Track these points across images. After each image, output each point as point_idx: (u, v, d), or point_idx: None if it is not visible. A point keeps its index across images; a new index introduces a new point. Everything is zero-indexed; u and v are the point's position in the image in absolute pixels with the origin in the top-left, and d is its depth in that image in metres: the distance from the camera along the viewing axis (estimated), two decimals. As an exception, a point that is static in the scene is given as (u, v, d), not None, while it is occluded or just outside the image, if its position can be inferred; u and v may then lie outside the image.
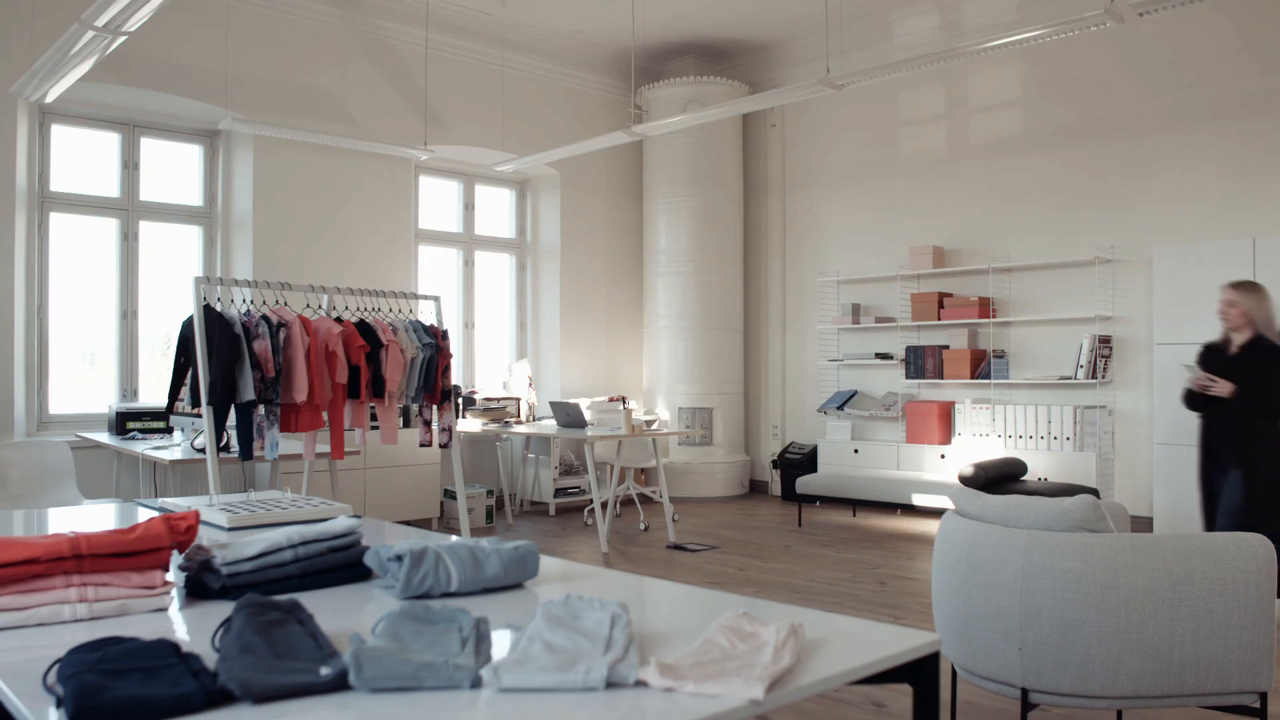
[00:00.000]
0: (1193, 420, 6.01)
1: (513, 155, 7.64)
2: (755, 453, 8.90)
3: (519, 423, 7.37)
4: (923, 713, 1.46)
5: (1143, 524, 6.40)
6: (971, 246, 7.45)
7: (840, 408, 7.93)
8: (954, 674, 2.84)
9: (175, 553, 1.70)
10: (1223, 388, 4.14)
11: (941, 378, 7.37)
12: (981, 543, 2.62)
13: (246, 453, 4.54)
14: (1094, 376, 6.61)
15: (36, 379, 6.08)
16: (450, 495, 7.07)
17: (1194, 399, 4.32)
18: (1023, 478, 6.35)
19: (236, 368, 4.40)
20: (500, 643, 1.40)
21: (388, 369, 4.91)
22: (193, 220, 6.80)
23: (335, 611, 1.61)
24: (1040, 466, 6.70)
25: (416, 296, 5.58)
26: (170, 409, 4.89)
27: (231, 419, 4.48)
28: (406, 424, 6.69)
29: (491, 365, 8.39)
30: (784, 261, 8.74)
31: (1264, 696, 2.46)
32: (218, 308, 4.48)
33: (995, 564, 2.56)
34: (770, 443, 8.78)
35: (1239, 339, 4.27)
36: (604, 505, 6.47)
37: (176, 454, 5.05)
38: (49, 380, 6.17)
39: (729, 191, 8.64)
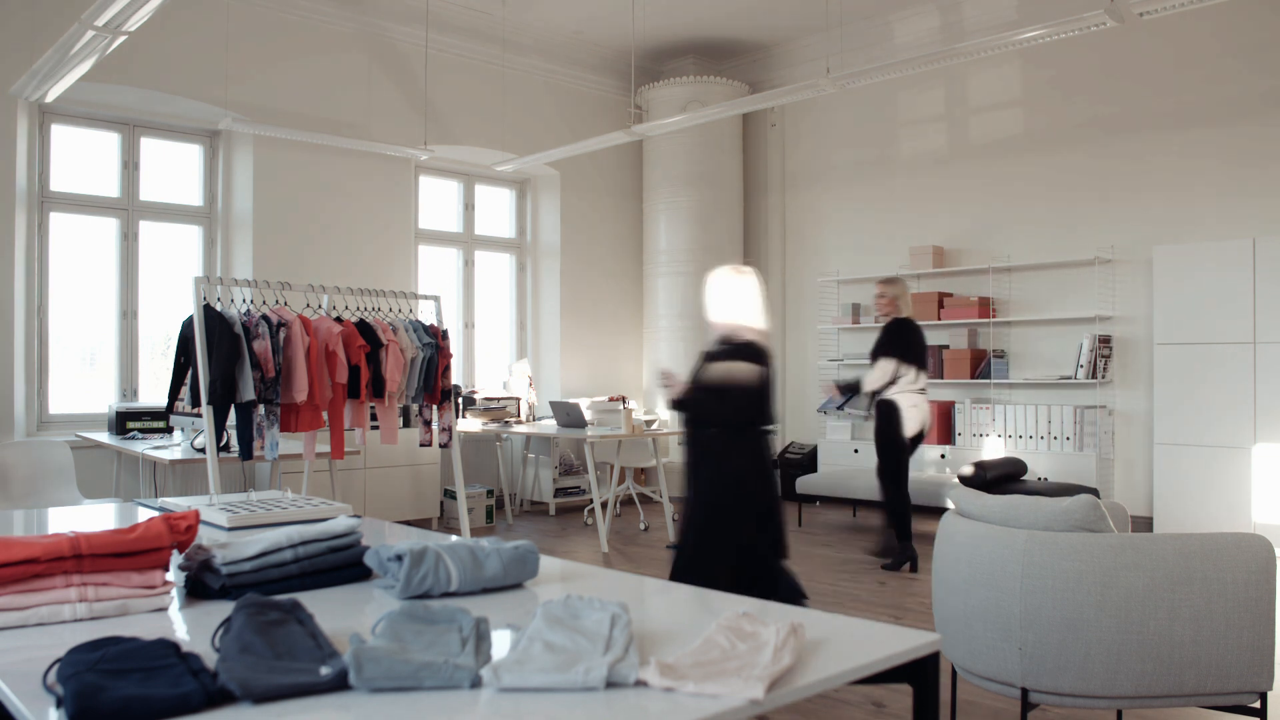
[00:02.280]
0: (1191, 420, 6.02)
1: (513, 155, 7.64)
2: (755, 453, 8.88)
3: (519, 423, 7.37)
4: (923, 713, 1.46)
5: (1143, 524, 6.40)
6: (971, 246, 7.45)
7: (840, 408, 7.91)
8: (954, 674, 2.84)
9: (175, 552, 1.70)
10: (672, 387, 3.56)
11: (941, 378, 7.37)
12: (981, 543, 2.62)
13: (246, 453, 4.55)
14: (1094, 376, 6.61)
15: (36, 379, 6.08)
16: (450, 495, 7.07)
17: (678, 403, 3.63)
18: (1023, 478, 6.34)
19: (236, 367, 4.40)
20: (500, 643, 1.40)
21: (388, 369, 4.91)
22: (193, 220, 6.80)
23: (335, 611, 1.61)
24: (1040, 466, 6.69)
25: (416, 296, 5.58)
26: (170, 409, 4.89)
27: (231, 419, 4.49)
28: (406, 424, 6.70)
29: (491, 365, 8.39)
30: (784, 261, 8.74)
31: (1264, 696, 2.46)
32: (218, 307, 4.48)
33: (995, 564, 2.56)
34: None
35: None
36: (604, 505, 6.47)
37: (176, 454, 5.05)
38: (49, 380, 6.17)
39: (729, 191, 8.63)
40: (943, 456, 7.25)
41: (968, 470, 6.08)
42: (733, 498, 3.40)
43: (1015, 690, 2.56)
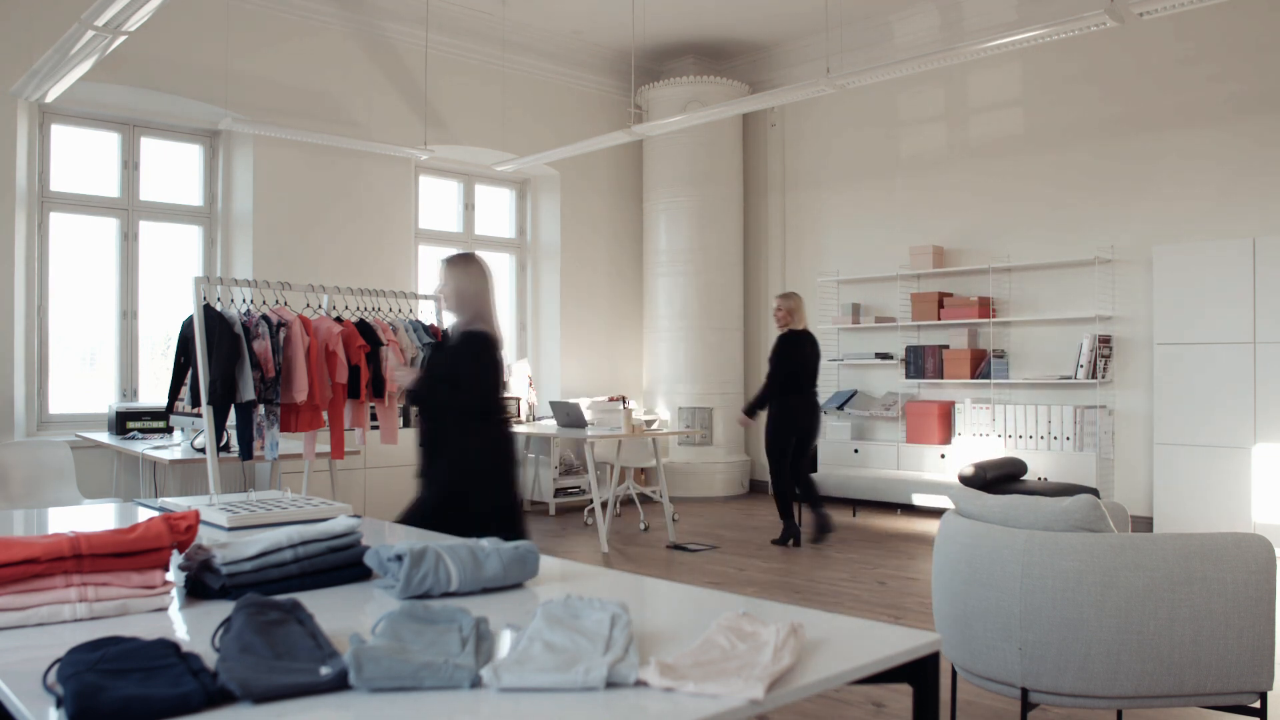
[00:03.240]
0: (1191, 420, 6.02)
1: (513, 155, 7.64)
2: (755, 453, 8.89)
3: (519, 423, 7.37)
4: (923, 713, 1.46)
5: (1143, 524, 6.40)
6: (971, 246, 7.45)
7: (840, 408, 7.93)
8: (954, 674, 2.84)
9: (175, 552, 1.70)
10: (405, 376, 3.56)
11: (941, 378, 7.37)
12: (981, 543, 2.62)
13: (246, 453, 4.55)
14: (1094, 376, 6.61)
15: (36, 379, 6.08)
16: (450, 495, 7.06)
17: (412, 393, 3.62)
18: (1023, 478, 6.35)
19: (236, 367, 4.40)
20: (500, 643, 1.40)
21: (388, 369, 4.91)
22: (193, 220, 6.80)
23: (335, 611, 1.61)
24: (1040, 466, 6.69)
25: (416, 296, 5.58)
26: (170, 409, 4.89)
27: (231, 419, 4.49)
28: (406, 424, 6.68)
29: (491, 365, 8.38)
30: (784, 261, 8.74)
31: (1264, 696, 2.46)
32: (218, 307, 4.48)
33: (995, 564, 2.56)
34: (770, 443, 8.77)
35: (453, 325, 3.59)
36: (604, 505, 6.47)
37: (176, 454, 5.05)
38: (49, 380, 6.17)
39: (729, 191, 8.64)
40: (943, 457, 7.25)
41: (968, 470, 6.08)
42: (470, 491, 3.32)
43: (1015, 690, 2.56)
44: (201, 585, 1.71)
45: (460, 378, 3.40)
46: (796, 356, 6.15)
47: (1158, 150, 6.53)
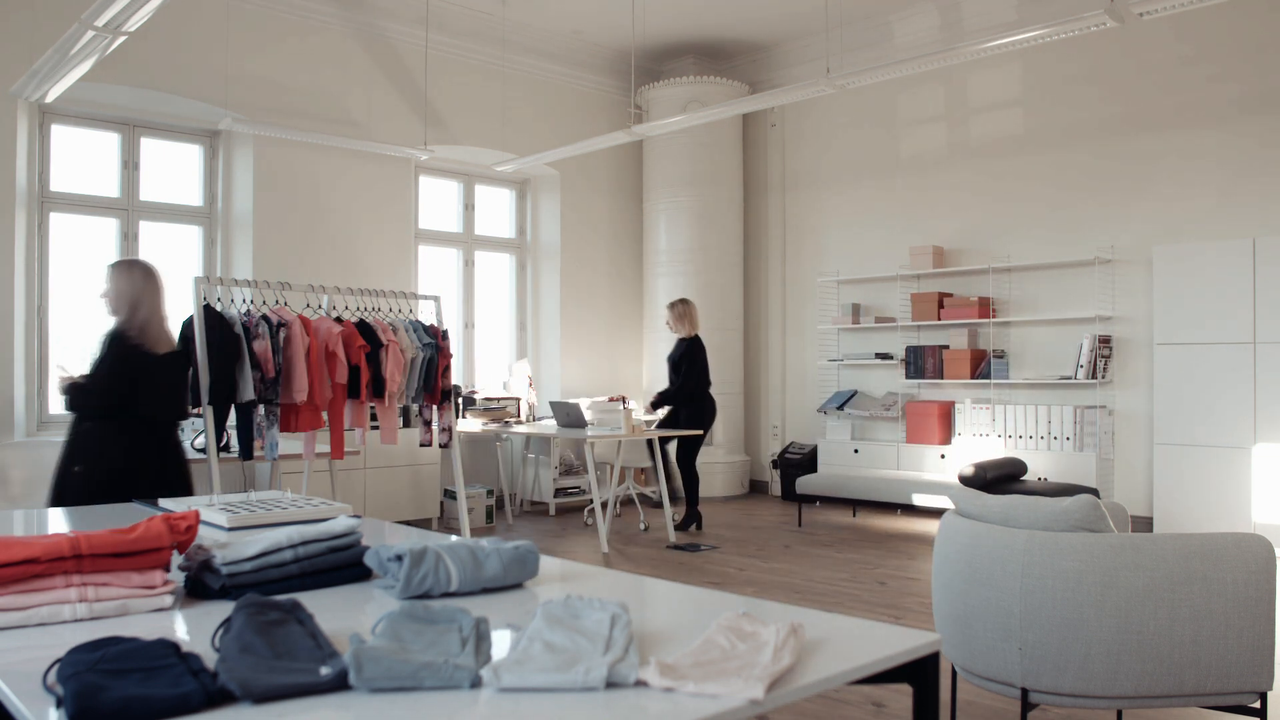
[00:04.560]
0: (1191, 420, 6.02)
1: (513, 155, 7.64)
2: (755, 453, 8.89)
3: (519, 423, 7.37)
4: (923, 713, 1.46)
5: (1143, 524, 6.40)
6: (971, 246, 7.45)
7: (840, 408, 7.93)
8: (954, 674, 2.84)
9: (175, 553, 1.70)
10: (62, 382, 3.46)
11: (941, 378, 7.37)
12: (981, 543, 2.62)
13: (246, 453, 4.55)
14: (1094, 376, 6.61)
15: (36, 379, 6.08)
16: (450, 495, 7.07)
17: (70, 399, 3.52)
18: (1023, 478, 6.34)
19: (236, 367, 4.41)
20: (500, 643, 1.40)
21: (388, 369, 4.91)
22: (193, 220, 6.80)
23: (335, 611, 1.61)
24: (1040, 466, 6.69)
25: (416, 296, 5.58)
26: (170, 409, 4.88)
27: (231, 419, 4.49)
28: (406, 424, 6.69)
29: (491, 365, 8.39)
30: (784, 261, 8.74)
31: (1264, 696, 2.46)
32: (218, 307, 4.48)
33: (995, 564, 2.56)
34: (770, 443, 8.78)
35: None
36: (604, 505, 6.47)
37: (176, 454, 5.04)
38: (49, 380, 6.17)
39: (729, 191, 8.63)
40: (943, 457, 7.25)
41: (968, 470, 6.08)
42: (105, 498, 3.16)
43: (1015, 690, 2.56)
44: (201, 585, 1.71)
45: (91, 380, 3.37)
46: (705, 357, 6.82)
47: (1158, 150, 6.53)
